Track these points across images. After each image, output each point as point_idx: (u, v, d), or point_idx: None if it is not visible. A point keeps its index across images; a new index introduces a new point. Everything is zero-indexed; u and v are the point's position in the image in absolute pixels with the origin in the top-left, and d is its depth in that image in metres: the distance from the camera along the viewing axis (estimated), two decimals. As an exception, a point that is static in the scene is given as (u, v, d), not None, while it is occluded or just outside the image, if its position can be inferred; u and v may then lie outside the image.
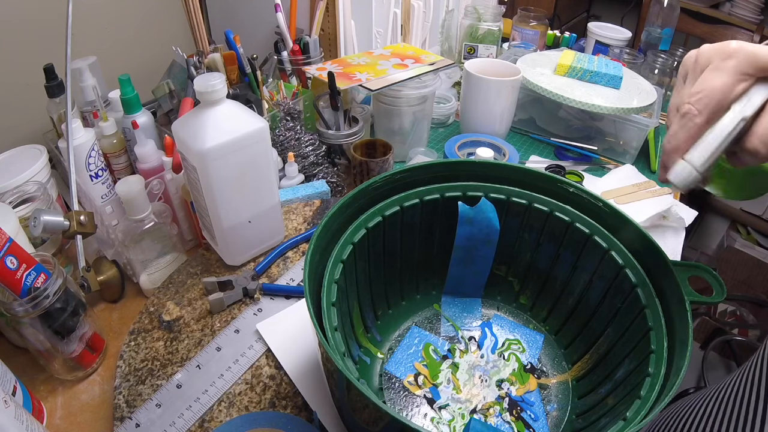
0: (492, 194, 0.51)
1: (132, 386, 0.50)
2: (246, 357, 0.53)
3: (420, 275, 0.56)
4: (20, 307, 0.44)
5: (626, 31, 1.27)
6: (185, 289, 0.61)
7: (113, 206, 0.68)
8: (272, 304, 0.59)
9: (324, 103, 0.80)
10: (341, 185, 0.81)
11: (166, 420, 0.46)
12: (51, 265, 0.47)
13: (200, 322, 0.57)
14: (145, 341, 0.55)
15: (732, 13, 2.06)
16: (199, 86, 0.51)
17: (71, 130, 0.59)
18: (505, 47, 1.23)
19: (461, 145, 0.84)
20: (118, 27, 0.91)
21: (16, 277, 0.44)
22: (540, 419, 0.47)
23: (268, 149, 0.58)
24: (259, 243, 0.64)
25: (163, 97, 0.75)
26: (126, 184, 0.55)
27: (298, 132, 0.78)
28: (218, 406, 0.48)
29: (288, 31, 0.89)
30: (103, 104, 0.70)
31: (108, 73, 0.79)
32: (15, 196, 0.57)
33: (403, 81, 0.82)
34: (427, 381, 0.50)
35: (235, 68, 0.78)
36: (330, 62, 0.89)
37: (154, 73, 0.85)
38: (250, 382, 0.51)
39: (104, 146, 0.69)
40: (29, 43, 0.79)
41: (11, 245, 0.43)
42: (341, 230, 0.46)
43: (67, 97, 0.60)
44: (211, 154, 0.52)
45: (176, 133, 0.55)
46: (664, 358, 0.38)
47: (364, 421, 0.39)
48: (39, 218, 0.51)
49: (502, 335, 0.55)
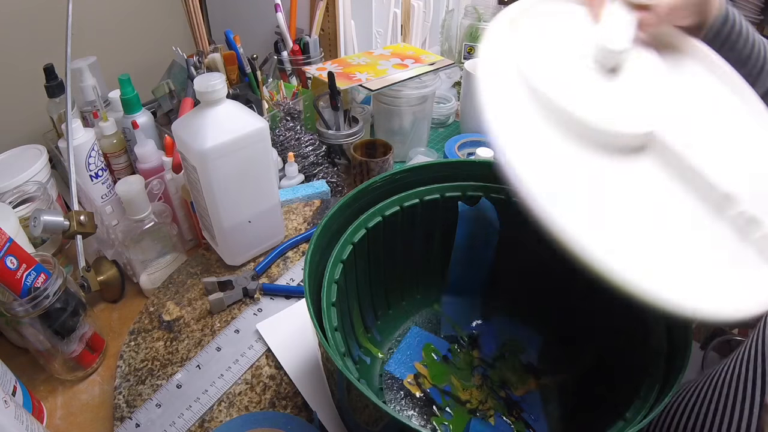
0: (492, 194, 0.51)
1: (132, 386, 0.50)
2: (246, 357, 0.53)
3: (420, 275, 0.56)
4: (20, 307, 0.44)
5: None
6: (185, 289, 0.61)
7: (113, 206, 0.68)
8: (272, 304, 0.59)
9: (324, 103, 0.80)
10: (341, 185, 0.81)
11: (166, 420, 0.46)
12: (51, 265, 0.47)
13: (200, 322, 0.57)
14: (145, 341, 0.55)
15: (732, 13, 2.06)
16: (199, 86, 0.51)
17: (71, 130, 0.59)
18: (505, 47, 1.23)
19: (461, 145, 0.84)
20: (118, 27, 0.91)
21: (16, 277, 0.44)
22: (539, 419, 0.47)
23: (268, 149, 0.58)
24: (259, 243, 0.64)
25: (163, 97, 0.75)
26: (126, 184, 0.55)
27: (298, 132, 0.78)
28: (218, 406, 0.48)
29: (288, 31, 0.89)
30: (103, 104, 0.70)
31: (108, 73, 0.79)
32: (15, 196, 0.57)
33: (403, 81, 0.82)
34: (427, 381, 0.50)
35: (235, 68, 0.78)
36: (330, 62, 0.89)
37: (154, 73, 0.85)
38: (250, 382, 0.51)
39: (104, 146, 0.69)
40: (29, 43, 0.79)
41: (11, 245, 0.43)
42: (341, 230, 0.46)
43: (67, 97, 0.60)
44: (211, 154, 0.52)
45: (176, 133, 0.55)
46: (664, 358, 0.38)
47: (364, 421, 0.39)
48: (39, 218, 0.51)
49: (502, 335, 0.55)
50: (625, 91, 0.37)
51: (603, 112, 0.34)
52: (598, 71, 0.37)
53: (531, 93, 0.35)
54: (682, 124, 0.36)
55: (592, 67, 0.38)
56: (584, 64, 0.38)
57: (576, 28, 0.40)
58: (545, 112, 0.34)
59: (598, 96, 0.36)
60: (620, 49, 0.36)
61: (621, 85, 0.37)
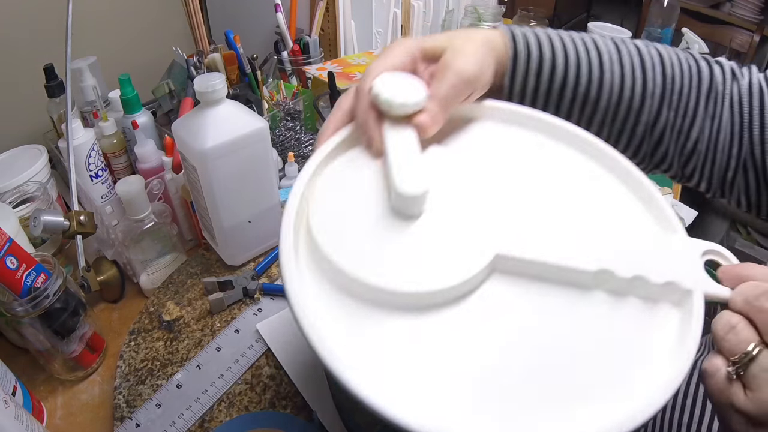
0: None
1: (132, 386, 0.50)
2: (246, 357, 0.53)
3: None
4: (20, 307, 0.44)
5: (626, 31, 1.27)
6: (185, 289, 0.61)
7: (113, 206, 0.68)
8: (272, 304, 0.59)
9: (324, 103, 0.80)
10: (341, 185, 0.81)
11: (166, 420, 0.46)
12: (51, 265, 0.47)
13: (200, 322, 0.57)
14: (145, 341, 0.55)
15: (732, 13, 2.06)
16: (199, 86, 0.51)
17: (71, 130, 0.59)
18: (505, 47, 1.23)
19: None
20: (118, 27, 0.91)
21: (16, 277, 0.44)
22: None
23: (268, 149, 0.58)
24: (259, 243, 0.64)
25: (163, 97, 0.75)
26: (126, 184, 0.55)
27: (298, 132, 0.78)
28: (218, 406, 0.48)
29: (288, 31, 0.89)
30: (103, 104, 0.70)
31: (108, 73, 0.79)
32: (15, 196, 0.57)
33: (403, 81, 0.82)
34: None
35: (235, 68, 0.78)
36: (330, 62, 0.89)
37: (154, 73, 0.85)
38: (250, 382, 0.51)
39: (104, 146, 0.69)
40: (29, 43, 0.79)
41: (11, 245, 0.43)
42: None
43: (67, 97, 0.60)
44: (211, 154, 0.52)
45: (176, 133, 0.55)
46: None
47: (364, 421, 0.39)
48: (39, 218, 0.51)
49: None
50: (437, 230, 0.31)
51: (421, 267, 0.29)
52: (399, 218, 0.32)
53: (325, 261, 0.30)
54: (516, 230, 0.32)
55: (392, 216, 0.32)
56: (383, 213, 0.32)
57: (373, 173, 0.35)
58: (344, 281, 0.29)
59: (404, 249, 0.30)
60: (415, 194, 0.31)
61: (431, 226, 0.32)
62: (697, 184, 0.47)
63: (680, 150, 0.44)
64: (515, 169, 0.37)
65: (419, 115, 0.35)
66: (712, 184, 0.46)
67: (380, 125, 0.35)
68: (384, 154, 0.34)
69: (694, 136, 0.43)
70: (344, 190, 0.34)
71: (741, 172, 0.44)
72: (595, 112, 0.43)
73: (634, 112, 0.42)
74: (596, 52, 0.42)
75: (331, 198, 0.33)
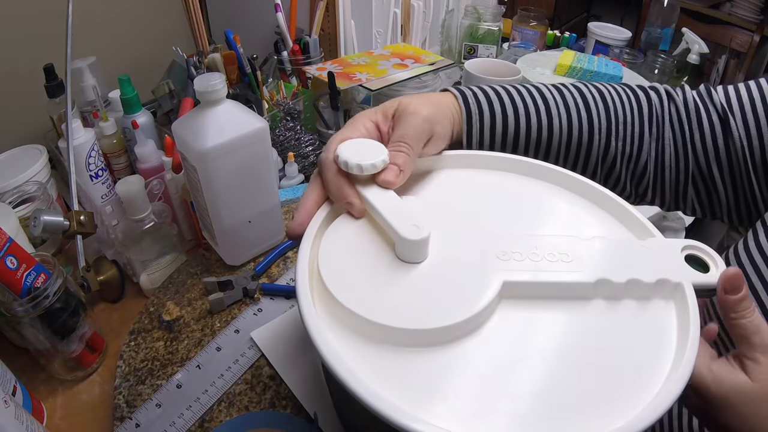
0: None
1: (132, 386, 0.50)
2: (246, 357, 0.53)
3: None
4: (20, 307, 0.44)
5: (626, 31, 1.27)
6: (185, 289, 0.61)
7: (113, 206, 0.68)
8: (272, 304, 0.59)
9: (324, 103, 0.80)
10: (341, 185, 0.81)
11: (166, 420, 0.46)
12: (51, 265, 0.47)
13: (200, 322, 0.57)
14: (145, 341, 0.55)
15: (732, 13, 2.07)
16: (199, 86, 0.51)
17: (71, 130, 0.59)
18: (505, 47, 1.23)
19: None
20: (118, 27, 0.91)
21: (16, 277, 0.44)
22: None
23: (268, 149, 0.58)
24: (259, 243, 0.64)
25: (163, 97, 0.75)
26: (126, 184, 0.55)
27: (298, 132, 0.78)
28: (218, 406, 0.48)
29: (288, 31, 0.89)
30: (103, 104, 0.70)
31: (108, 73, 0.79)
32: (15, 196, 0.57)
33: (403, 81, 0.82)
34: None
35: (235, 68, 0.78)
36: (330, 62, 0.89)
37: (154, 73, 0.85)
38: (250, 382, 0.51)
39: (104, 146, 0.69)
40: (29, 43, 0.79)
41: (11, 245, 0.43)
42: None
43: (67, 97, 0.60)
44: (211, 154, 0.52)
45: (176, 133, 0.55)
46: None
47: (363, 422, 0.39)
48: (39, 218, 0.51)
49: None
50: (441, 269, 0.33)
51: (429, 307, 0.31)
52: (405, 266, 0.33)
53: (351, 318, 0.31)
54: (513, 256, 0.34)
55: (398, 265, 0.33)
56: (389, 264, 0.34)
57: (365, 233, 0.36)
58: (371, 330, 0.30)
59: (420, 291, 0.32)
60: (420, 239, 0.32)
61: (435, 267, 0.33)
62: (651, 201, 0.50)
63: (632, 173, 0.48)
64: (490, 203, 0.40)
65: (388, 168, 0.36)
66: (665, 200, 0.49)
67: (354, 188, 0.37)
68: (368, 213, 0.36)
69: (643, 160, 0.47)
70: (346, 252, 0.35)
71: (690, 183, 0.47)
72: (549, 152, 0.46)
73: (584, 147, 0.46)
74: (542, 99, 0.46)
75: (336, 261, 0.34)
